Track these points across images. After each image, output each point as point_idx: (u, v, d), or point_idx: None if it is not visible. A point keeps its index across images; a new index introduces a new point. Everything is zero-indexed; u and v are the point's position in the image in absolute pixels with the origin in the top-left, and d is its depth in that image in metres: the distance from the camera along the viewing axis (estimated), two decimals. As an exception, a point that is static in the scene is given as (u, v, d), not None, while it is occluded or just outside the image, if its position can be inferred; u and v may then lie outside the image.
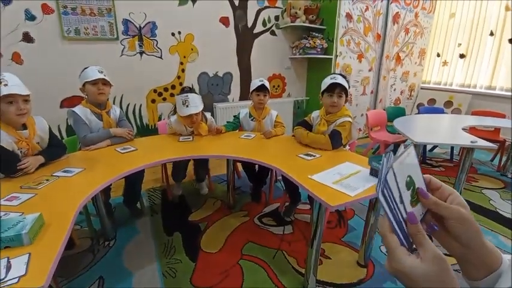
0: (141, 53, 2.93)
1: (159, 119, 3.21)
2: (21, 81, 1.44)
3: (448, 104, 4.36)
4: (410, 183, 0.37)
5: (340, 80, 1.82)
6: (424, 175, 0.40)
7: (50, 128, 1.64)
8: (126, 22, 2.77)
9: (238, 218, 2.17)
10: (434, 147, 3.93)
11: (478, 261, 0.37)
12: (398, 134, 2.76)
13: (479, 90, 4.12)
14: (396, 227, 0.34)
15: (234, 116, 2.47)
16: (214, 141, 2.10)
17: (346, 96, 1.87)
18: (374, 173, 1.40)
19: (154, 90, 3.11)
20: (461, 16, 4.26)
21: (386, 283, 1.54)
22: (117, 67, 2.80)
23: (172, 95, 3.21)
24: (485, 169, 3.25)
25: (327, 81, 1.86)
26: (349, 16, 3.55)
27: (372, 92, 4.24)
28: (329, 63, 3.64)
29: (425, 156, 3.52)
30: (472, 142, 2.11)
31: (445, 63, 4.58)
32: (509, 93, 3.77)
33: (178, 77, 3.20)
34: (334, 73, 1.95)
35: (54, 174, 1.43)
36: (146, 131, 3.14)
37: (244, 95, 3.67)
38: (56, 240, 0.90)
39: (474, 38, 4.12)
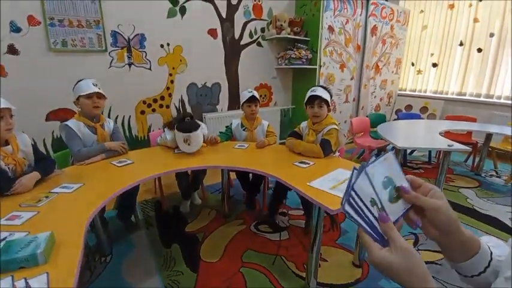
0: (130, 64, 2.92)
1: (149, 130, 3.19)
2: (4, 94, 1.42)
3: (424, 109, 4.64)
4: (388, 183, 0.42)
5: (319, 92, 1.94)
6: (406, 175, 0.46)
7: (32, 143, 1.60)
8: (114, 34, 2.76)
9: (235, 227, 2.20)
10: (413, 150, 4.16)
11: (458, 246, 0.43)
12: (381, 139, 2.92)
13: (450, 96, 4.43)
14: (368, 228, 0.40)
15: (226, 127, 2.52)
16: (209, 152, 2.13)
17: (328, 106, 1.98)
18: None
19: (144, 102, 3.10)
20: (433, 28, 4.59)
21: (382, 281, 1.63)
22: (106, 79, 2.76)
23: (161, 106, 3.21)
24: (461, 170, 3.49)
25: (307, 94, 2.00)
26: (331, 28, 3.73)
27: (354, 100, 4.44)
28: (313, 73, 3.79)
29: (406, 159, 3.73)
30: (449, 146, 2.28)
31: (419, 71, 4.89)
32: (478, 99, 4.10)
33: (168, 88, 3.21)
34: (317, 85, 2.09)
35: (52, 191, 1.40)
36: (136, 142, 3.11)
37: (232, 105, 3.73)
38: (72, 257, 0.90)
39: (445, 48, 4.45)
